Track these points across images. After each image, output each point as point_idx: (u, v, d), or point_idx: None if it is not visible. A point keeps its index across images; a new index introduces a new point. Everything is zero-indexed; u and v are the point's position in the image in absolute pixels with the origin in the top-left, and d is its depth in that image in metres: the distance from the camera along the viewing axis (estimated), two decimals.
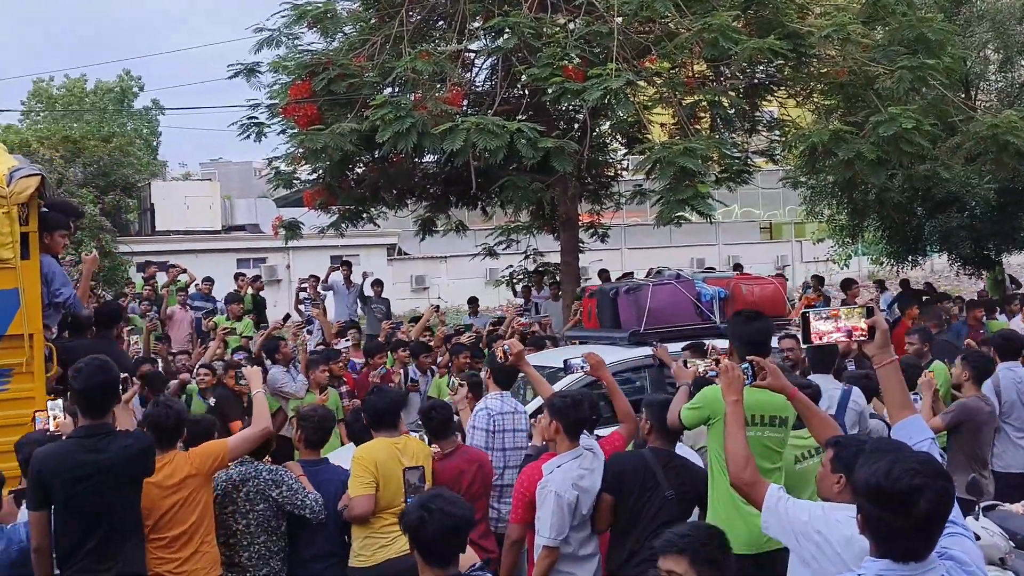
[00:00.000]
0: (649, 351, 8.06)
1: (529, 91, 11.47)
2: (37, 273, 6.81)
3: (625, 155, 14.74)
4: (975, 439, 7.06)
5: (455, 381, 7.61)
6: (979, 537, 4.90)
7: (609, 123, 12.36)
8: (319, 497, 5.58)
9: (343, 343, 11.05)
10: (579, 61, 10.38)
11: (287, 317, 14.62)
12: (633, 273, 13.72)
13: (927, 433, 3.50)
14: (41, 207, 7.01)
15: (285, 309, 16.95)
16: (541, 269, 15.78)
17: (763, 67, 12.04)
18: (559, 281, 14.22)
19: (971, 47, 16.02)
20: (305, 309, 14.61)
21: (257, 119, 11.94)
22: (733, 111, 11.71)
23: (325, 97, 11.01)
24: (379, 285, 15.83)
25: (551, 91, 10.12)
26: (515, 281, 16.28)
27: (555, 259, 14.64)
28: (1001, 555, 5.28)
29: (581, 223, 14.29)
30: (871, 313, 3.69)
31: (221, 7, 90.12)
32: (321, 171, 12.21)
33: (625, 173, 15.50)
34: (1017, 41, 16.59)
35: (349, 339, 11.92)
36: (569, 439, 5.22)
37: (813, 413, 4.35)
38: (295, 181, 13.25)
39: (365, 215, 13.67)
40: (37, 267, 6.82)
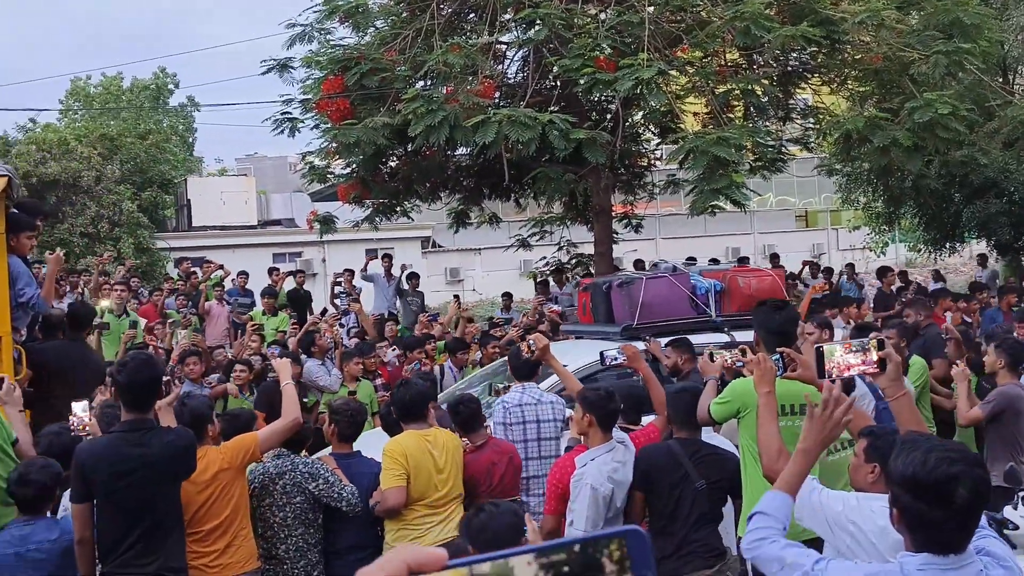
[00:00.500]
0: (643, 345, 7.96)
1: (561, 82, 11.48)
2: (4, 275, 6.59)
3: (658, 145, 14.68)
4: (1015, 426, 6.98)
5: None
6: (1018, 527, 4.87)
7: (641, 113, 12.34)
8: (355, 489, 5.60)
9: (390, 354, 10.75)
10: (610, 51, 10.35)
11: (324, 311, 14.73)
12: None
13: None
14: (8, 208, 6.81)
15: (321, 303, 17.05)
16: (560, 266, 15.59)
17: (796, 54, 11.97)
18: (591, 273, 14.16)
19: (1009, 31, 15.80)
20: (341, 303, 14.67)
21: (290, 114, 12.04)
22: (766, 99, 11.60)
23: (357, 92, 11.07)
24: (415, 278, 15.88)
25: (583, 82, 10.13)
26: (540, 276, 16.13)
27: (589, 250, 14.60)
28: None
29: (615, 214, 14.21)
30: (883, 346, 3.66)
31: (254, 6, 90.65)
32: (355, 165, 12.31)
33: (658, 163, 15.45)
34: None
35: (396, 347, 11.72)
36: (603, 432, 5.23)
37: None
38: (329, 175, 13.35)
39: (399, 208, 13.71)
40: (4, 269, 6.61)
